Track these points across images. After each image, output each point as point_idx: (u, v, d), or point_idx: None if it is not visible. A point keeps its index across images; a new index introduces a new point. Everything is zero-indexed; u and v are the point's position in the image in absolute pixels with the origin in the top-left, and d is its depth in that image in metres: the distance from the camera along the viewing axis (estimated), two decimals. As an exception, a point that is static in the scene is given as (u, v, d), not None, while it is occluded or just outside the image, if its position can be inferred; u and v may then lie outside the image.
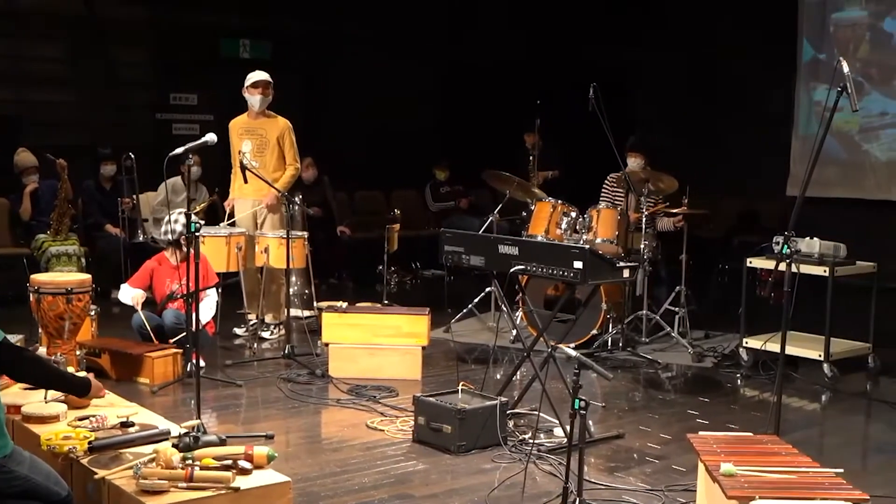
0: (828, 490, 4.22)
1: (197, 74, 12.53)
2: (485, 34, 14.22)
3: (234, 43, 12.93)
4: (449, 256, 6.82)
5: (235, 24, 12.83)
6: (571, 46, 14.32)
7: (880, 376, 8.36)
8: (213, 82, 12.26)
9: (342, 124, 13.20)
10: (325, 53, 13.25)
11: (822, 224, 9.06)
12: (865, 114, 12.65)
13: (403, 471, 5.75)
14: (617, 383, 7.89)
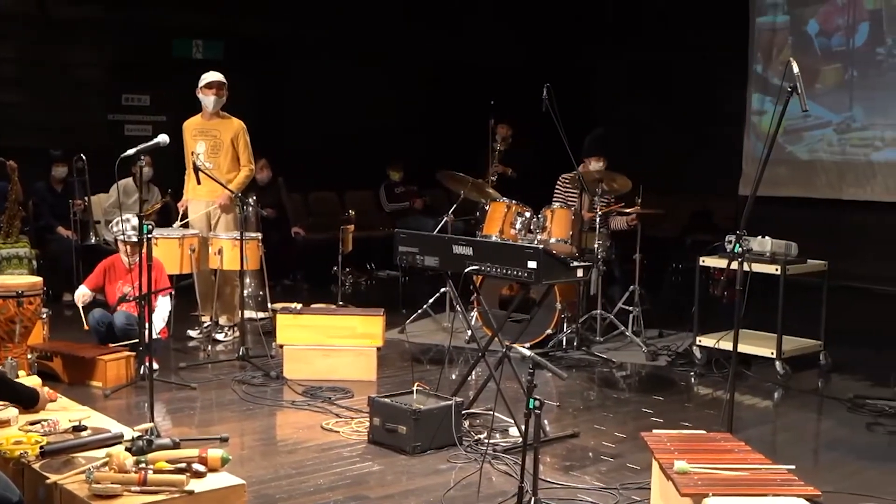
0: (780, 486, 4.25)
1: (149, 75, 12.44)
2: (438, 34, 14.22)
3: (186, 43, 12.85)
4: (403, 257, 6.81)
5: (188, 24, 12.75)
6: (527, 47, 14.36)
7: (832, 373, 8.44)
8: (165, 83, 12.18)
9: (296, 125, 13.17)
10: (280, 54, 13.20)
11: (774, 223, 9.16)
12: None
13: (359, 472, 5.74)
14: (572, 382, 7.92)
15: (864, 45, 12.73)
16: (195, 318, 9.29)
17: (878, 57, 12.64)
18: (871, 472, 6.01)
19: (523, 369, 4.80)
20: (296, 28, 13.28)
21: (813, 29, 13.17)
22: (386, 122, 13.73)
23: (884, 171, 12.37)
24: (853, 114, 12.67)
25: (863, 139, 12.78)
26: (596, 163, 9.43)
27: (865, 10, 12.75)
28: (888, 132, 12.56)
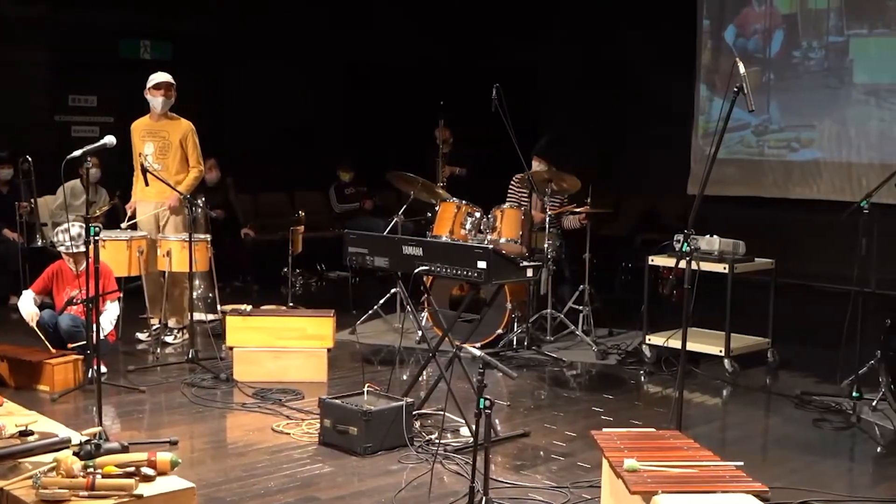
0: (728, 483, 4.29)
1: (96, 75, 12.33)
2: (389, 34, 14.21)
3: (134, 43, 12.75)
4: (353, 258, 6.81)
5: (135, 24, 12.65)
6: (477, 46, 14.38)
7: (779, 370, 8.52)
8: (113, 83, 12.07)
9: (246, 126, 13.10)
10: (229, 54, 13.14)
11: (722, 222, 9.23)
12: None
13: (309, 474, 5.72)
14: (522, 382, 7.94)
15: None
16: (144, 321, 9.22)
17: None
18: (819, 468, 6.08)
19: (474, 369, 4.80)
20: (246, 28, 13.22)
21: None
22: (336, 123, 13.71)
23: (830, 170, 12.51)
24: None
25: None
26: (538, 164, 9.47)
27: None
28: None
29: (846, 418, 7.02)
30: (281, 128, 13.24)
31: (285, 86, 13.44)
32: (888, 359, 7.06)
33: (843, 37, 12.52)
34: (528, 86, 14.04)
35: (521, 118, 8.62)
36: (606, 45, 14.21)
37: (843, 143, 12.49)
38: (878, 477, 6.06)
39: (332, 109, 13.81)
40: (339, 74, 14.06)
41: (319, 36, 13.76)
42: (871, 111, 12.31)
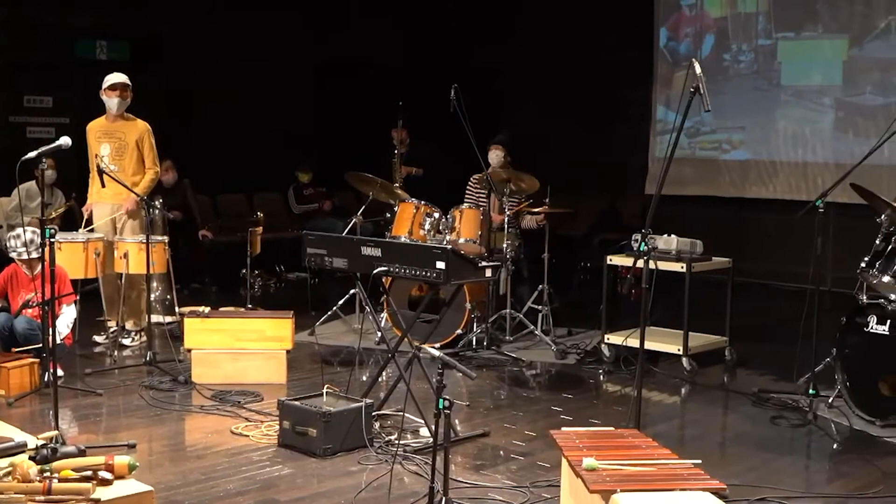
0: (687, 481, 4.31)
1: (52, 76, 12.22)
2: (348, 34, 14.19)
3: (90, 43, 12.66)
4: (311, 259, 6.79)
5: (92, 24, 12.55)
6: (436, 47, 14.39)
7: (737, 368, 8.58)
8: (69, 84, 11.98)
9: (204, 126, 13.04)
10: (186, 54, 13.06)
11: (680, 221, 9.31)
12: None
13: (269, 476, 5.70)
14: (482, 382, 7.95)
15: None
16: (101, 324, 9.15)
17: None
18: (776, 465, 6.12)
19: (433, 370, 4.81)
20: (202, 29, 13.16)
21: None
22: (294, 124, 13.67)
23: (786, 170, 12.62)
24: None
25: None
26: (495, 152, 9.51)
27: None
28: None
29: (803, 415, 7.07)
30: (239, 129, 13.19)
31: (243, 87, 13.39)
32: (844, 356, 7.14)
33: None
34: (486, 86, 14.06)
35: (480, 119, 8.62)
36: (565, 46, 14.27)
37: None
38: (833, 473, 6.12)
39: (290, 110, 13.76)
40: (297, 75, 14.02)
41: (277, 37, 13.71)
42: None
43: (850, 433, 6.78)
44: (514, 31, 14.89)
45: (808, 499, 5.52)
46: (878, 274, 7.05)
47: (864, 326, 6.96)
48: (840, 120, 12.28)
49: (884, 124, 11.49)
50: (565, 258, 11.62)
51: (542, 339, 9.05)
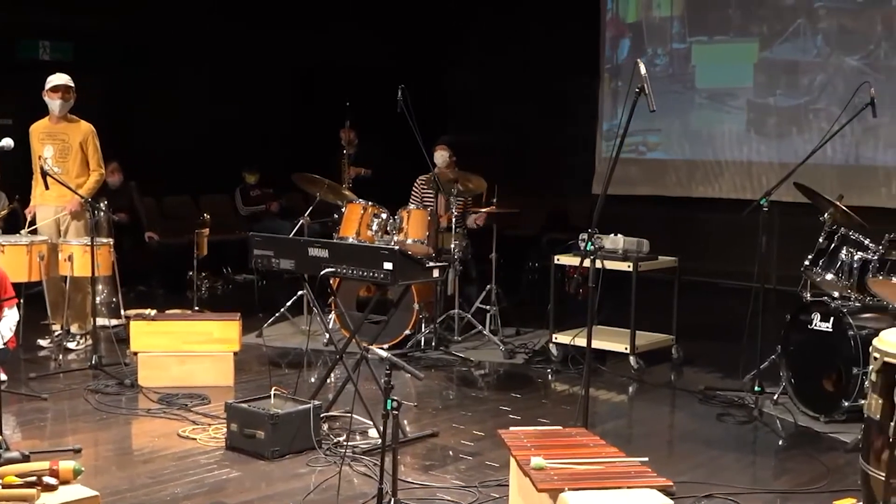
0: (633, 478, 4.34)
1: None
2: (293, 35, 14.13)
3: (32, 44, 12.50)
4: (258, 260, 6.76)
5: (34, 24, 12.40)
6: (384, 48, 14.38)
7: (683, 366, 8.65)
8: (11, 85, 11.81)
9: (149, 128, 12.91)
10: (131, 54, 12.93)
11: (627, 221, 9.36)
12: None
13: (217, 479, 5.67)
14: (430, 382, 7.96)
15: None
16: (45, 327, 9.04)
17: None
18: (722, 461, 6.19)
19: (381, 371, 4.80)
20: (148, 29, 13.03)
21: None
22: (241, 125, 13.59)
23: (731, 170, 12.75)
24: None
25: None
26: (441, 152, 9.52)
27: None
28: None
29: (749, 412, 7.13)
30: (185, 130, 13.08)
31: (188, 88, 13.29)
32: (788, 354, 7.22)
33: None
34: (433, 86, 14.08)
35: (427, 119, 8.63)
36: (513, 46, 14.30)
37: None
38: (779, 469, 6.18)
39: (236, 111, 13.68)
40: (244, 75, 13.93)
41: (222, 37, 13.62)
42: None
43: (795, 429, 6.86)
44: (460, 31, 14.91)
45: (754, 495, 5.57)
46: (821, 272, 7.15)
47: (808, 324, 7.04)
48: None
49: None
50: (513, 258, 11.63)
51: (491, 339, 9.07)
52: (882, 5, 11.71)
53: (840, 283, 7.08)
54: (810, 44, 12.24)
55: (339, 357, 6.66)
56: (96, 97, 10.56)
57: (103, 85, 12.30)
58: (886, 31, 11.68)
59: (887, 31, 11.67)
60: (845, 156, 11.82)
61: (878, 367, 4.43)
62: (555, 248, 9.00)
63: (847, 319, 6.75)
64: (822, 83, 12.16)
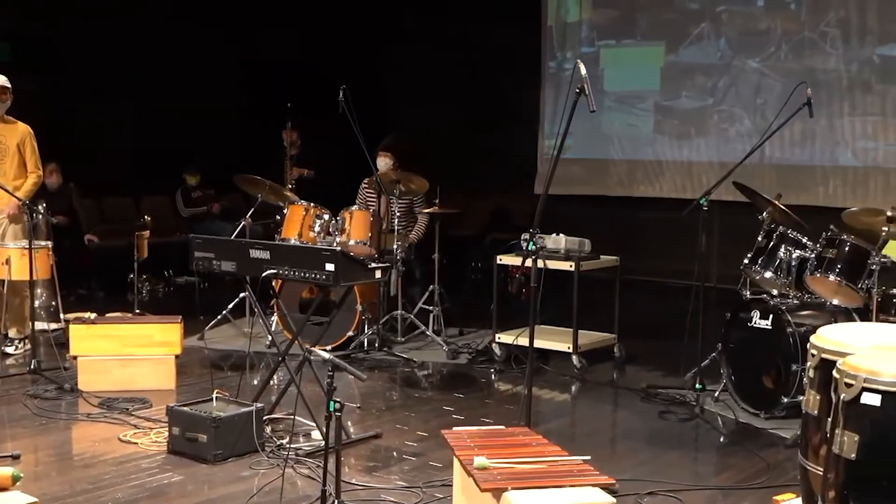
0: (576, 477, 4.36)
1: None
2: (234, 33, 14.05)
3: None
4: (200, 263, 6.70)
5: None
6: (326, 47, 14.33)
7: (625, 365, 8.71)
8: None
9: (89, 129, 12.77)
10: (70, 56, 12.79)
11: (569, 220, 9.41)
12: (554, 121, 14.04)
13: (158, 483, 5.63)
14: (374, 383, 7.95)
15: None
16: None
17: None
18: (664, 458, 6.23)
19: (324, 372, 4.78)
20: (86, 30, 12.90)
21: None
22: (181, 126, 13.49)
23: (672, 170, 12.86)
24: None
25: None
26: (383, 159, 9.52)
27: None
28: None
29: (690, 410, 7.20)
30: (125, 131, 12.97)
31: (128, 88, 13.15)
32: (729, 351, 7.29)
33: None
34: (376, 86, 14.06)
35: (370, 119, 8.62)
36: (456, 46, 14.31)
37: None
38: (720, 466, 6.24)
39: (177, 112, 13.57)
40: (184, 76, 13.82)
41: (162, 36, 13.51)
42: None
43: (736, 426, 6.93)
44: (402, 30, 14.90)
45: (696, 491, 5.62)
46: (760, 270, 7.23)
47: (747, 321, 7.11)
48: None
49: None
50: (456, 258, 11.66)
51: (434, 340, 9.08)
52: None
53: (779, 281, 7.17)
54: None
55: (281, 359, 6.63)
56: (34, 98, 10.41)
57: (41, 85, 12.15)
58: (786, 35, 12.09)
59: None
60: (784, 155, 11.98)
61: (816, 364, 4.48)
62: (497, 248, 9.02)
63: (786, 317, 6.83)
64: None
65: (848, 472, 4.02)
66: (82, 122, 12.73)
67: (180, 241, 12.14)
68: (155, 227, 10.53)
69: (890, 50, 11.39)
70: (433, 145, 13.41)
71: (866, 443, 3.96)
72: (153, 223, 10.45)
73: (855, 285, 6.76)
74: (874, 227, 6.80)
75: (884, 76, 11.41)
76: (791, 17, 12.02)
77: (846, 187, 11.63)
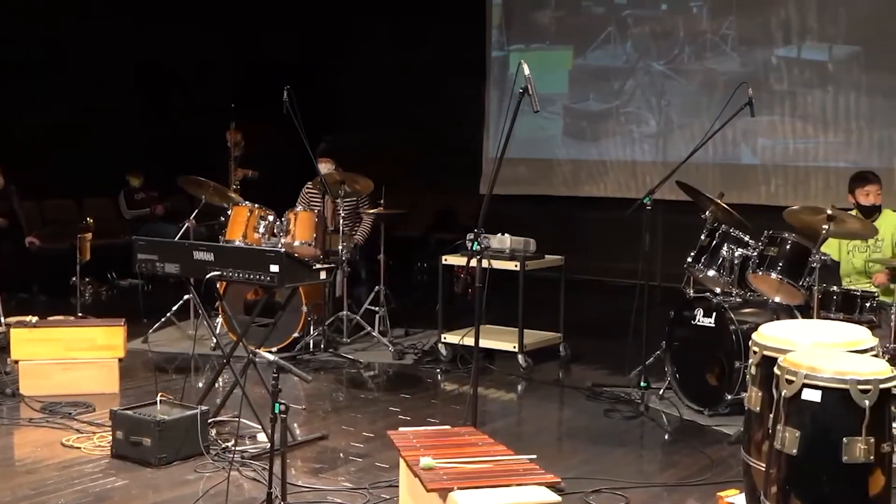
0: (522, 476, 4.37)
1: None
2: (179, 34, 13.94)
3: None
4: (143, 265, 6.65)
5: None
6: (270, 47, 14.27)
7: (571, 364, 8.75)
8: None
9: (29, 130, 12.62)
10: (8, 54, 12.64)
11: (514, 220, 9.44)
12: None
13: (102, 488, 5.57)
14: (320, 385, 7.93)
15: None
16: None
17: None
18: (610, 456, 6.27)
19: (270, 374, 4.76)
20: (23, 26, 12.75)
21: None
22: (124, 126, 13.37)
23: (615, 169, 12.94)
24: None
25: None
26: (324, 165, 9.49)
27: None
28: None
29: (635, 408, 7.25)
30: (67, 133, 12.82)
31: (71, 89, 13.03)
32: (673, 349, 7.35)
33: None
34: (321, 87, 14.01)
35: (316, 119, 8.59)
36: (402, 46, 14.30)
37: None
38: (665, 463, 6.29)
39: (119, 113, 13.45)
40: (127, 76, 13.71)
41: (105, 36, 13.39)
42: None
43: (681, 423, 6.99)
44: (348, 31, 14.87)
45: (641, 488, 5.66)
46: (703, 268, 7.29)
47: (691, 320, 7.18)
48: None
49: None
50: (402, 259, 11.66)
51: (380, 341, 9.07)
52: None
53: (722, 280, 7.23)
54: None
55: (226, 361, 6.60)
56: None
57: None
58: (689, 37, 12.39)
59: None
60: (726, 155, 12.10)
61: (758, 361, 4.53)
62: (443, 249, 9.03)
63: (728, 315, 6.90)
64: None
65: (789, 468, 4.07)
66: (23, 124, 12.58)
67: (123, 244, 12.01)
68: (97, 230, 10.42)
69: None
70: (379, 145, 13.41)
71: (807, 438, 4.02)
72: (96, 225, 10.33)
73: (796, 283, 6.84)
74: (815, 226, 6.88)
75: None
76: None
77: (787, 186, 11.77)
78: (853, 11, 11.26)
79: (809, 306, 6.79)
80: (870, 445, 3.95)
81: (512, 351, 8.43)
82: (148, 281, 10.94)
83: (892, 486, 4.16)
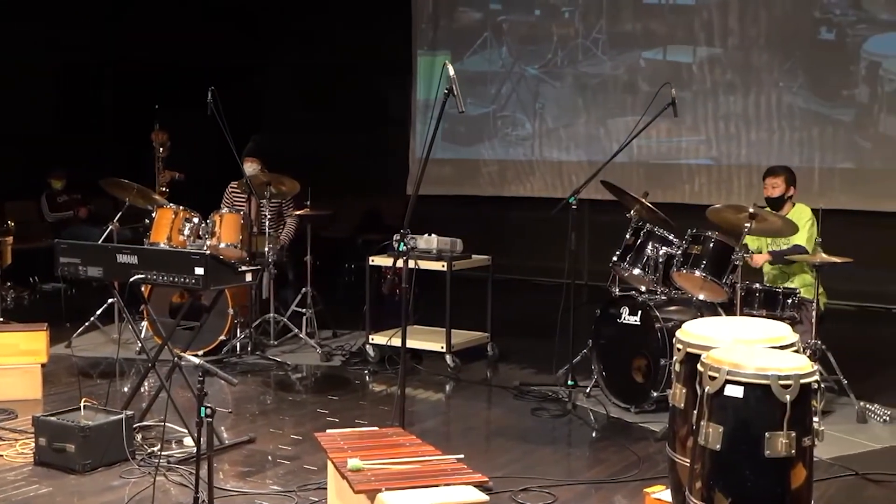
0: (450, 476, 4.40)
1: None
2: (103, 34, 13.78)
3: None
4: (65, 268, 6.56)
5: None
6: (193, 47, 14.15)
7: (498, 363, 8.78)
8: None
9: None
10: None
11: (441, 220, 9.46)
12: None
13: (25, 496, 5.49)
14: (247, 388, 7.87)
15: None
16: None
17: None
18: (538, 454, 6.30)
19: (195, 377, 4.73)
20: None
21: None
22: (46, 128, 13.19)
23: (542, 169, 13.02)
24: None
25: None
26: (250, 165, 9.42)
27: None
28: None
29: (562, 406, 7.29)
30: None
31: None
32: (599, 347, 7.41)
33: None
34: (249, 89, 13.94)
35: (240, 120, 8.53)
36: (327, 46, 14.25)
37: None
38: (593, 460, 6.33)
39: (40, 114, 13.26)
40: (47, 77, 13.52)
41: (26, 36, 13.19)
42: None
43: (607, 421, 7.05)
44: (274, 30, 14.79)
45: (569, 486, 5.69)
46: (629, 267, 7.36)
47: (617, 318, 7.25)
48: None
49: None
50: (329, 260, 11.62)
51: (307, 342, 9.03)
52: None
53: (647, 278, 7.31)
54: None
55: (151, 365, 6.53)
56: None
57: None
58: (561, 42, 12.77)
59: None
60: (650, 154, 12.23)
61: (682, 358, 4.59)
62: (370, 249, 9.02)
63: (654, 312, 6.98)
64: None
65: (713, 463, 4.12)
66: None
67: (46, 247, 11.82)
68: (19, 233, 10.28)
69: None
70: (304, 146, 13.35)
71: (730, 434, 4.07)
72: (17, 229, 10.19)
73: (720, 280, 6.93)
74: (737, 224, 6.97)
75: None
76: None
77: (711, 185, 11.92)
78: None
79: (732, 303, 6.88)
80: (791, 440, 4.01)
81: (440, 351, 8.44)
82: (71, 285, 10.81)
83: (813, 480, 4.23)
